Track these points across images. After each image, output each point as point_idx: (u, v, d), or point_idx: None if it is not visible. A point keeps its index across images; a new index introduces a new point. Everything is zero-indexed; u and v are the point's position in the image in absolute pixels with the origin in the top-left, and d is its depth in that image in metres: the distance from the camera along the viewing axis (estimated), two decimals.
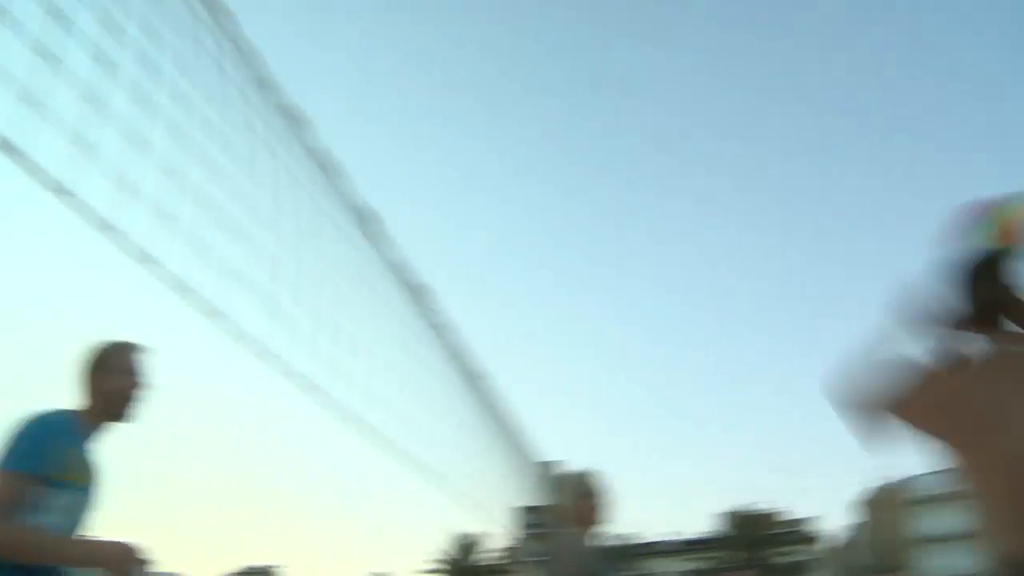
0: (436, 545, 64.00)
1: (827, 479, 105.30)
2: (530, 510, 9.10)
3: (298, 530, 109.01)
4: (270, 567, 73.53)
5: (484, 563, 60.25)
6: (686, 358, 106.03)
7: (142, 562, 2.45)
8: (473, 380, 6.76)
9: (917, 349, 2.49)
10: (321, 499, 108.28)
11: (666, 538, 64.33)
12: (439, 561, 60.34)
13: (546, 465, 9.08)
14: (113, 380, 2.70)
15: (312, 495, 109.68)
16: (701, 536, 59.82)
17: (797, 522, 61.76)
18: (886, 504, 64.96)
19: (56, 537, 2.48)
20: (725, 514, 58.38)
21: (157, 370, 2.76)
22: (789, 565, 50.37)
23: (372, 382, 2.97)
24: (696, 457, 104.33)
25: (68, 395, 2.69)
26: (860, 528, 68.93)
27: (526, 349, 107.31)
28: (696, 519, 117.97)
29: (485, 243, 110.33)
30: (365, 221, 3.21)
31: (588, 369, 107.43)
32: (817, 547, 61.08)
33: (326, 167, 2.84)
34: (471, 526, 58.91)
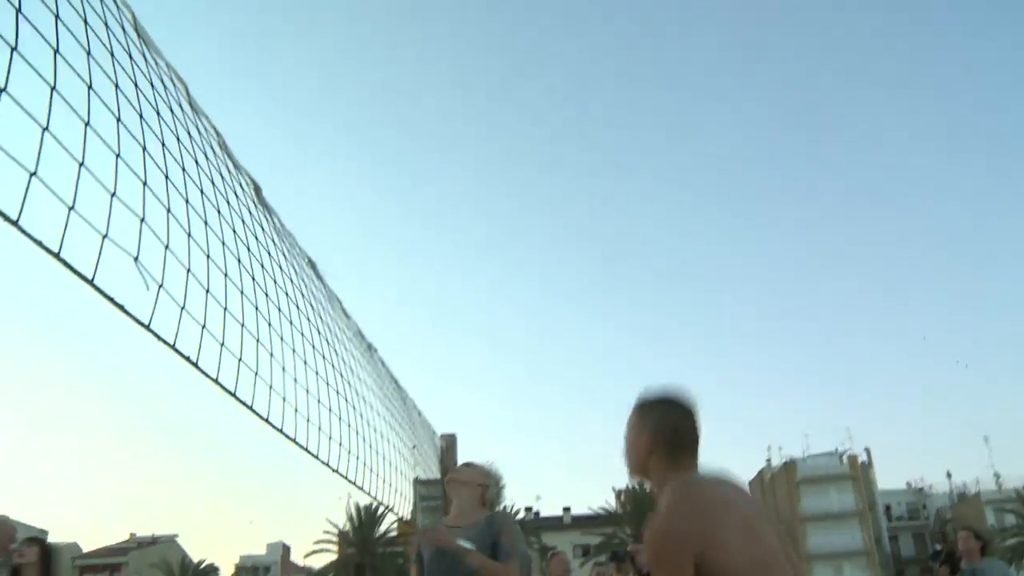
0: (334, 517, 63.74)
1: (720, 457, 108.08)
2: (425, 482, 9.19)
3: (196, 502, 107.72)
4: (163, 536, 72.40)
5: (382, 535, 60.43)
6: (580, 339, 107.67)
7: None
8: (369, 352, 6.79)
9: None
10: (222, 471, 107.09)
11: (558, 514, 65.52)
12: (338, 533, 60.24)
13: (445, 436, 9.19)
14: None
15: (213, 465, 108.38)
16: (593, 512, 60.93)
17: None
18: (778, 482, 67.38)
19: None
20: (618, 491, 59.58)
21: None
22: None
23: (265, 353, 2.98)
24: (590, 432, 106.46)
25: None
26: None
27: (416, 320, 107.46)
28: (588, 496, 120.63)
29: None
30: (258, 191, 3.21)
31: (478, 342, 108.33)
32: None
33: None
34: (369, 498, 58.88)
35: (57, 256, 1.84)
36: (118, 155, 2.11)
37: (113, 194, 2.06)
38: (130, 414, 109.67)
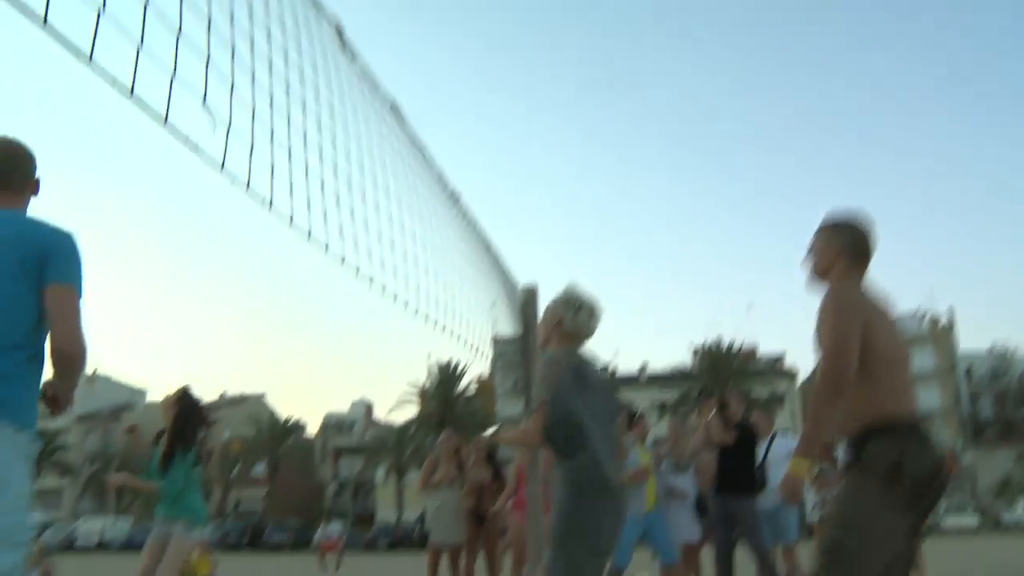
0: (418, 374, 65.51)
1: (800, 314, 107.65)
2: (504, 340, 9.24)
3: (284, 362, 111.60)
4: (251, 395, 75.52)
5: (462, 392, 62.03)
6: (662, 187, 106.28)
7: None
8: (451, 199, 6.70)
9: None
10: (308, 331, 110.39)
11: (635, 371, 66.14)
12: (419, 390, 61.98)
13: (525, 290, 9.17)
14: None
15: (299, 327, 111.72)
16: (670, 370, 61.37)
17: (768, 358, 63.40)
18: None
19: None
20: (697, 348, 59.71)
21: None
22: (763, 400, 51.92)
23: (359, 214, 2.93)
24: (670, 291, 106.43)
25: None
26: None
27: (505, 173, 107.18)
28: (667, 353, 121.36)
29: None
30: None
31: (565, 194, 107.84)
32: (787, 382, 62.92)
33: None
34: (452, 354, 60.28)
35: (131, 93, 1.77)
36: None
37: (179, 33, 1.97)
38: (222, 277, 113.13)
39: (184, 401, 6.14)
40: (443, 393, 60.78)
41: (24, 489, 2.41)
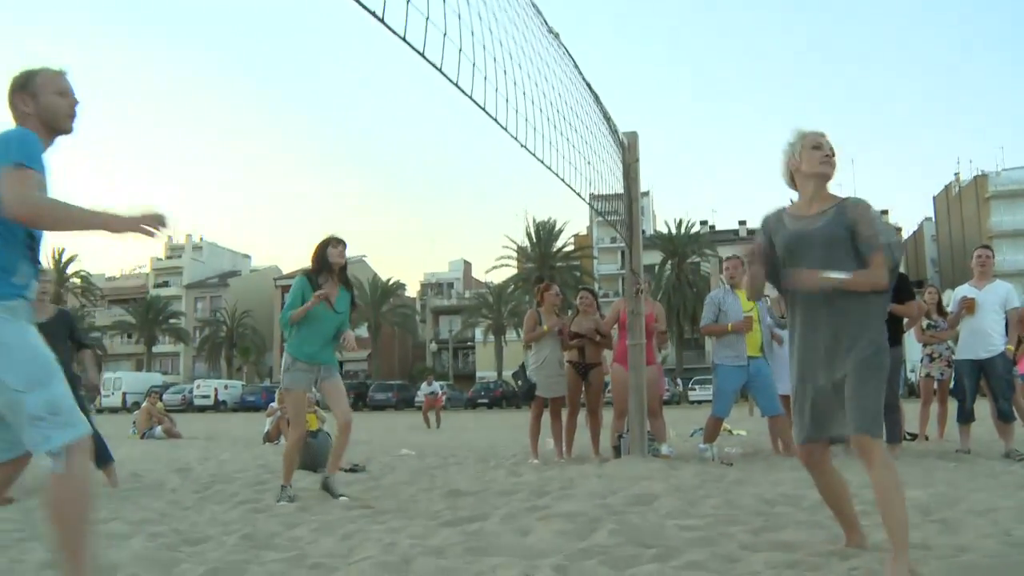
0: (516, 234, 65.69)
1: (902, 172, 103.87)
2: (603, 197, 8.98)
3: (384, 225, 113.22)
4: (353, 258, 76.94)
5: (559, 250, 62.07)
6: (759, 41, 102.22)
7: (163, 225, 2.79)
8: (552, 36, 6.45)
9: None
10: (408, 194, 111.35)
11: (734, 227, 64.79)
12: (517, 248, 62.23)
13: (625, 135, 8.85)
14: (50, 100, 2.94)
15: (399, 190, 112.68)
16: None
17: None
18: (966, 197, 64.16)
19: (86, 207, 2.74)
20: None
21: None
22: None
23: None
24: (767, 144, 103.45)
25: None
26: (935, 221, 68.54)
27: None
28: (764, 209, 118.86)
29: None
30: None
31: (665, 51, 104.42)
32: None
33: None
34: (549, 213, 60.08)
35: None
36: None
37: None
38: (322, 143, 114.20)
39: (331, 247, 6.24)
40: (541, 251, 60.92)
41: (22, 341, 2.72)
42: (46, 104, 2.92)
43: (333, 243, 6.21)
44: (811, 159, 3.60)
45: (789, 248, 3.60)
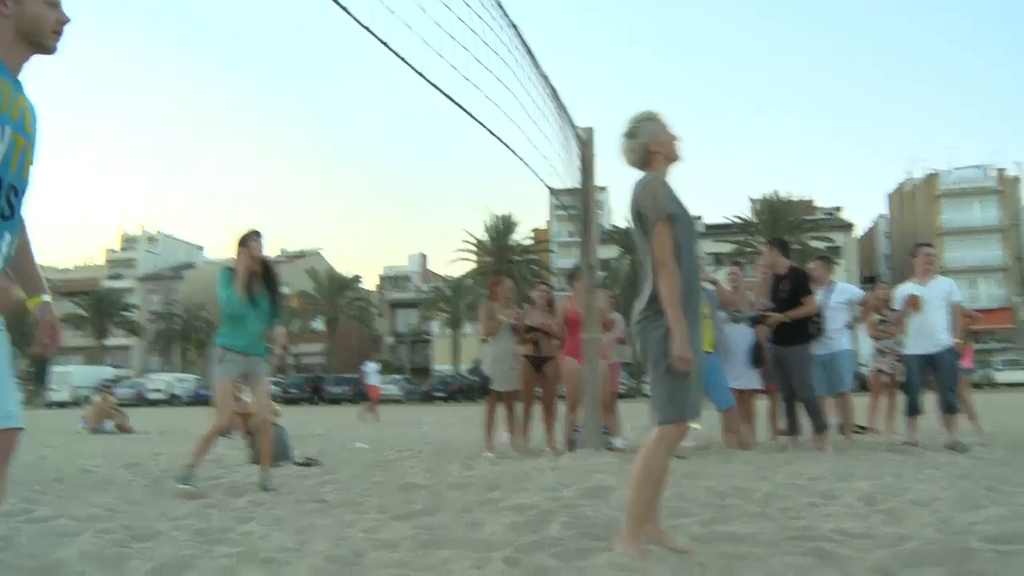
0: (474, 228, 65.69)
1: (857, 170, 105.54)
2: (561, 191, 9.01)
3: (341, 218, 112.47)
4: (310, 251, 76.42)
5: (517, 244, 62.15)
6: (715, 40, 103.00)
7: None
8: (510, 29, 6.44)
9: None
10: (365, 187, 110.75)
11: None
12: (476, 242, 62.22)
13: (582, 131, 8.87)
14: (36, 8, 2.49)
15: (357, 182, 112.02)
16: (724, 221, 60.72)
17: (826, 210, 62.36)
18: (918, 195, 65.23)
19: None
20: (755, 200, 58.96)
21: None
22: (820, 251, 51.27)
23: None
24: (728, 142, 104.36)
25: None
26: (887, 218, 69.66)
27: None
28: (723, 204, 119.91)
29: None
30: None
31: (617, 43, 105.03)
32: (845, 235, 62.06)
33: None
34: (508, 207, 60.17)
35: None
36: None
37: None
38: (282, 134, 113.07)
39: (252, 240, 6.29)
40: (499, 245, 60.94)
41: None
42: (32, 12, 2.48)
43: (252, 237, 6.28)
44: (674, 144, 3.71)
45: None
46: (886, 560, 3.27)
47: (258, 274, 6.26)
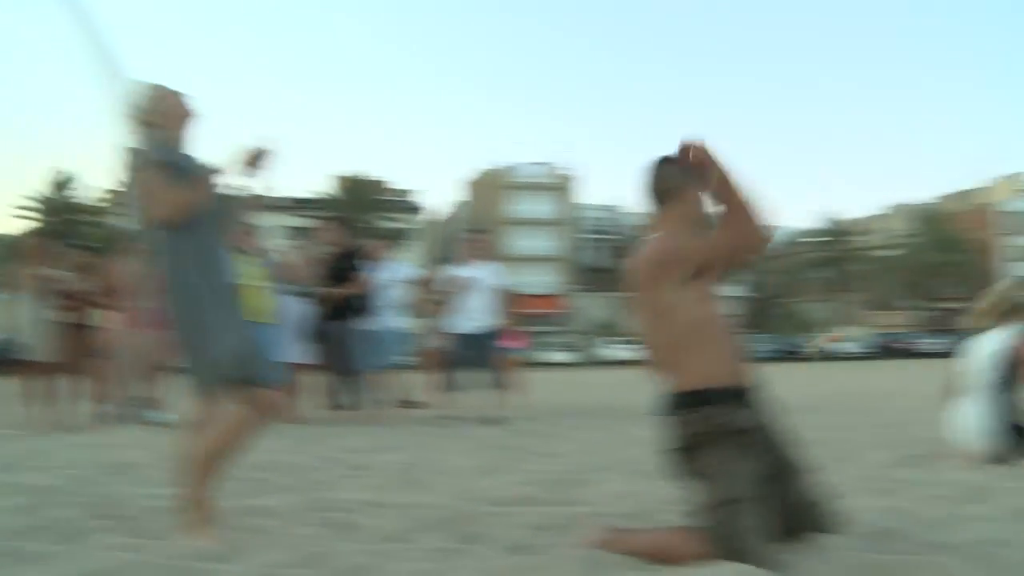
0: (30, 184, 59.46)
1: (436, 155, 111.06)
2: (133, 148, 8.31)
3: None
4: None
5: (81, 201, 57.21)
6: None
7: None
8: None
9: None
10: None
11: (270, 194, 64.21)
12: (33, 200, 56.41)
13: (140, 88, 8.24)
14: None
15: None
16: (307, 196, 60.38)
17: (403, 192, 64.49)
18: (486, 185, 69.82)
19: None
20: (333, 176, 59.52)
21: None
22: (391, 231, 52.74)
23: None
24: (306, 109, 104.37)
25: None
26: (462, 205, 73.89)
27: None
28: (304, 179, 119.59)
29: None
30: None
31: None
32: (420, 218, 64.65)
33: None
34: (67, 163, 55.23)
35: None
36: None
37: None
38: None
39: None
40: (56, 203, 55.61)
41: None
42: None
43: None
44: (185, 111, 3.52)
45: None
46: (398, 527, 3.39)
47: None
